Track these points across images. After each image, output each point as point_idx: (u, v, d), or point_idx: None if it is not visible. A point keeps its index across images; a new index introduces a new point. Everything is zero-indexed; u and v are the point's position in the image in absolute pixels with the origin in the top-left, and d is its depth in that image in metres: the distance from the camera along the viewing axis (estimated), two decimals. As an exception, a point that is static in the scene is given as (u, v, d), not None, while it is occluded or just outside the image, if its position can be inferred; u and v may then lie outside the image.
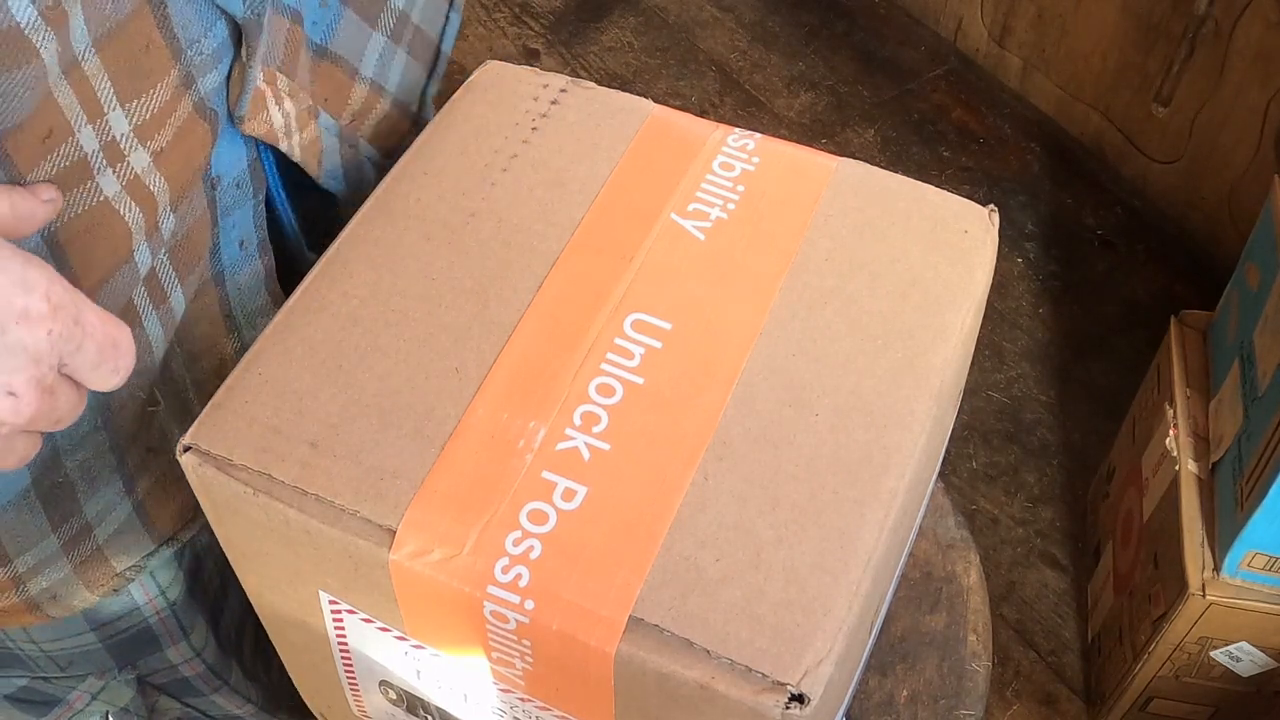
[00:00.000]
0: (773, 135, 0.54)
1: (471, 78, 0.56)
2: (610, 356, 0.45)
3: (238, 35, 0.46)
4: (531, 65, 0.56)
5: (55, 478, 0.49)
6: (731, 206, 0.50)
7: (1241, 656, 1.15)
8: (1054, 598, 1.44)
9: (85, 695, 0.59)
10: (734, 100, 1.93)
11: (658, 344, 0.46)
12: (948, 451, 0.59)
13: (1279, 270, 1.07)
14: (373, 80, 0.56)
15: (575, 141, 0.52)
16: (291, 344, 0.46)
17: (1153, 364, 1.30)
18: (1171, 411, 1.19)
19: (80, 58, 0.40)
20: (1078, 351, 1.64)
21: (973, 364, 0.56)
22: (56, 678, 0.58)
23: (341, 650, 0.49)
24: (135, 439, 0.51)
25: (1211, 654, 1.16)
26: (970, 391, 1.57)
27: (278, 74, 0.49)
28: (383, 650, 0.47)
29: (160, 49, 0.43)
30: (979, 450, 1.55)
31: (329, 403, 0.44)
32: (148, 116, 0.43)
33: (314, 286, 0.48)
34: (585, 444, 0.43)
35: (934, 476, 0.58)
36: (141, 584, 0.56)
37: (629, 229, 0.49)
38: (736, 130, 0.53)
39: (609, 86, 0.56)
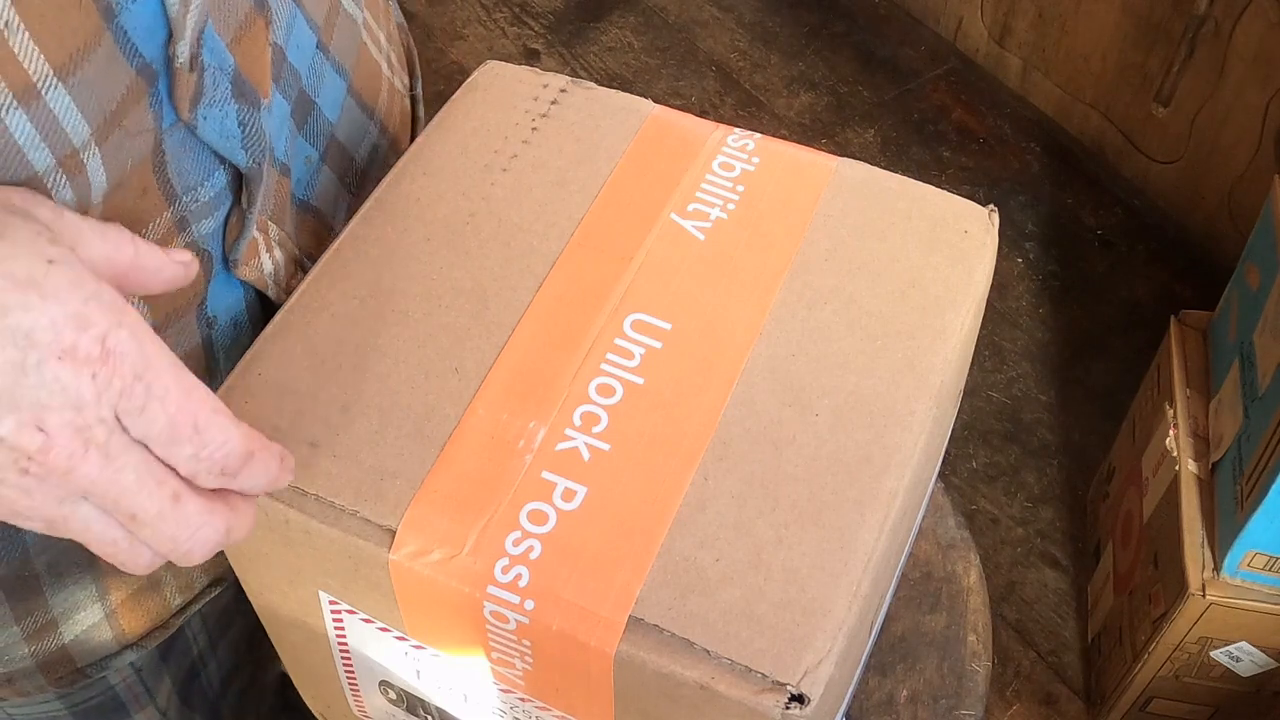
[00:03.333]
0: (773, 135, 0.54)
1: (471, 78, 0.56)
2: (610, 357, 0.45)
3: (235, 185, 0.46)
4: (531, 65, 0.56)
5: (22, 571, 0.48)
6: (731, 207, 0.50)
7: (1241, 656, 1.15)
8: (1054, 598, 1.44)
9: None
10: (734, 100, 1.93)
11: (658, 344, 0.46)
12: (948, 451, 0.59)
13: (1279, 270, 1.07)
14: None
15: (575, 141, 0.52)
16: (291, 344, 0.46)
17: (1153, 364, 1.30)
18: (1171, 411, 1.19)
19: (90, 207, 0.40)
20: (1078, 351, 1.64)
21: (973, 364, 0.56)
22: None
23: (341, 650, 0.49)
24: None
25: (1211, 654, 1.16)
26: (970, 391, 1.57)
27: (270, 223, 0.49)
28: (383, 650, 0.47)
29: (155, 194, 0.43)
30: (979, 450, 1.55)
31: (329, 403, 0.44)
32: None
33: (314, 286, 0.48)
34: (585, 444, 0.43)
35: (934, 476, 0.58)
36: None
37: (629, 229, 0.49)
38: (736, 130, 0.53)
39: (609, 86, 0.56)
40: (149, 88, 0.40)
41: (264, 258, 0.49)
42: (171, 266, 0.38)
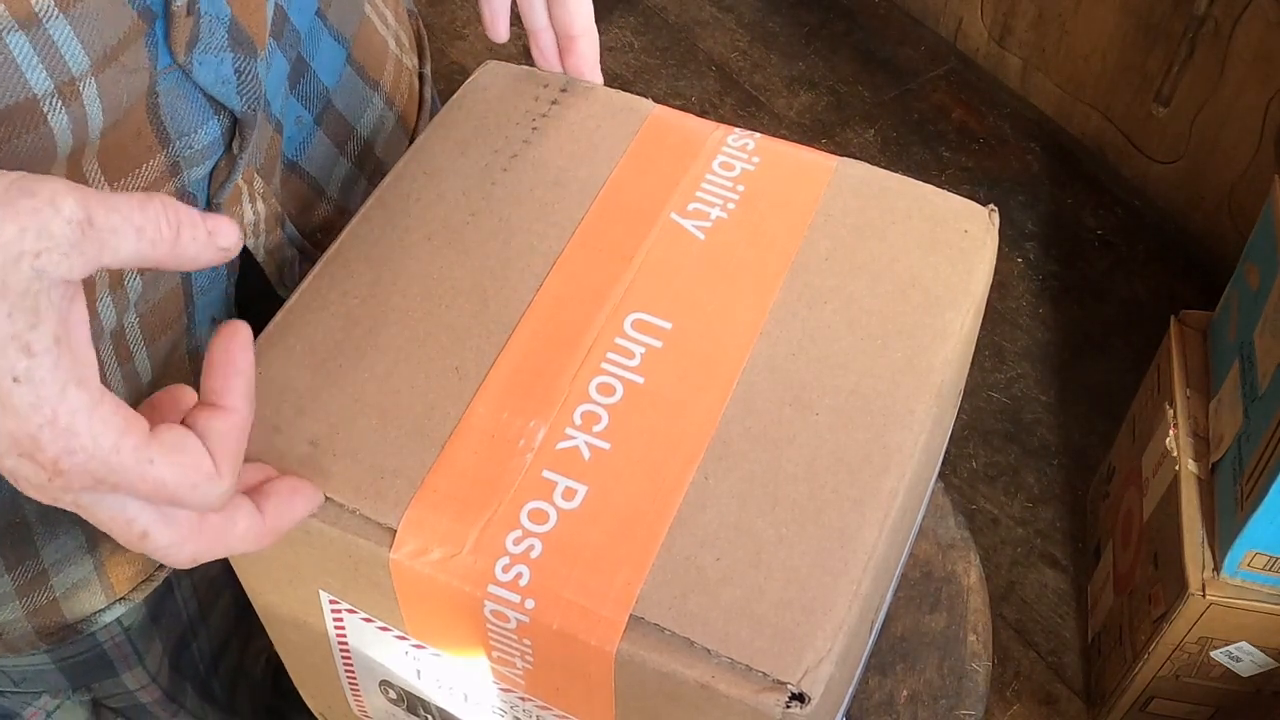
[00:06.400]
0: (773, 135, 0.54)
1: (471, 78, 0.56)
2: (610, 356, 0.45)
3: (229, 137, 0.47)
4: (531, 65, 0.56)
5: (13, 518, 0.48)
6: (731, 206, 0.50)
7: (1241, 656, 1.15)
8: (1054, 598, 1.44)
9: (40, 713, 0.59)
10: (734, 100, 1.93)
11: (658, 343, 0.46)
12: (948, 451, 0.59)
13: (1279, 270, 1.07)
14: (337, 202, 0.57)
15: (575, 141, 0.52)
16: (291, 343, 0.46)
17: (1153, 364, 1.30)
18: (1171, 411, 1.19)
19: (87, 144, 0.40)
20: (1078, 351, 1.64)
21: (973, 364, 0.56)
22: (11, 692, 0.58)
23: (341, 650, 0.49)
24: None
25: (1211, 654, 1.16)
26: (970, 391, 1.57)
27: (255, 175, 0.50)
28: (383, 650, 0.47)
29: (149, 137, 0.43)
30: (979, 450, 1.55)
31: (329, 402, 0.44)
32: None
33: (314, 286, 0.48)
34: (585, 443, 0.43)
35: (934, 476, 0.58)
36: None
37: (629, 229, 0.49)
38: (736, 130, 0.53)
39: (609, 86, 0.56)
40: (147, 28, 0.40)
41: (246, 207, 0.50)
42: (211, 251, 0.36)
